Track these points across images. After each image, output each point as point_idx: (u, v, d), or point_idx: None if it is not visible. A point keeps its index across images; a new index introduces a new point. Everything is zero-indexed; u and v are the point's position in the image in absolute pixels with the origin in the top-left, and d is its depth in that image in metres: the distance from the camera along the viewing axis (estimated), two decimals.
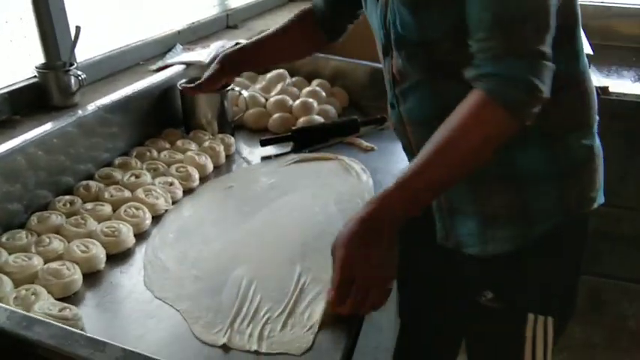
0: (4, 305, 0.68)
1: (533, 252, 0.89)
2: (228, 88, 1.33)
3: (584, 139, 0.88)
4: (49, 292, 0.80)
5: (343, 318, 0.76)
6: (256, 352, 0.72)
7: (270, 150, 1.31)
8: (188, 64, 1.43)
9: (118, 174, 1.11)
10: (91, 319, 0.78)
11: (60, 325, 0.64)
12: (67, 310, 0.75)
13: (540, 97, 0.72)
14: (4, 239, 0.89)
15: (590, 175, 0.90)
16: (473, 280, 0.98)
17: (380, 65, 1.01)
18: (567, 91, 0.83)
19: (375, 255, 0.74)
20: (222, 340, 0.73)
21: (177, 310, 0.79)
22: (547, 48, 0.73)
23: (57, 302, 0.77)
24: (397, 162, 1.23)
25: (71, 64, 1.16)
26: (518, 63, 0.72)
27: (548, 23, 0.73)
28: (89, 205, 0.99)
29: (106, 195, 1.03)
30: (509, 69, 0.72)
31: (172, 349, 0.73)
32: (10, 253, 0.86)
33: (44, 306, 0.74)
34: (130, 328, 0.76)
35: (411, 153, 0.97)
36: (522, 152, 0.84)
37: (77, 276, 0.83)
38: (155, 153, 1.20)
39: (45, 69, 1.15)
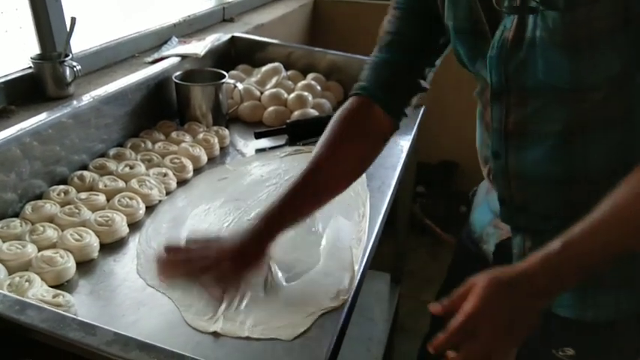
0: None
1: (637, 321, 0.79)
2: (223, 80, 1.34)
3: None
4: (42, 280, 0.80)
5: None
6: (247, 338, 0.73)
7: (264, 142, 1.32)
8: (183, 57, 1.44)
9: (112, 164, 1.11)
10: (84, 306, 0.78)
11: (52, 309, 0.65)
12: (60, 296, 0.76)
13: None
14: None
15: None
16: (555, 334, 0.83)
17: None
18: None
19: (513, 322, 0.62)
20: (214, 327, 0.74)
21: (170, 298, 0.80)
22: None
23: (50, 289, 0.78)
24: (388, 155, 1.24)
25: (66, 55, 1.17)
26: None
27: None
28: (83, 195, 1.00)
29: (100, 185, 1.04)
30: None
31: (164, 335, 0.74)
32: (4, 242, 0.87)
33: (37, 293, 0.75)
34: (122, 315, 0.77)
35: (507, 208, 0.83)
36: None
37: (70, 264, 0.84)
38: (150, 144, 1.21)
39: (40, 60, 1.15)
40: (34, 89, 1.15)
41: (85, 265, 0.88)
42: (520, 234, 0.84)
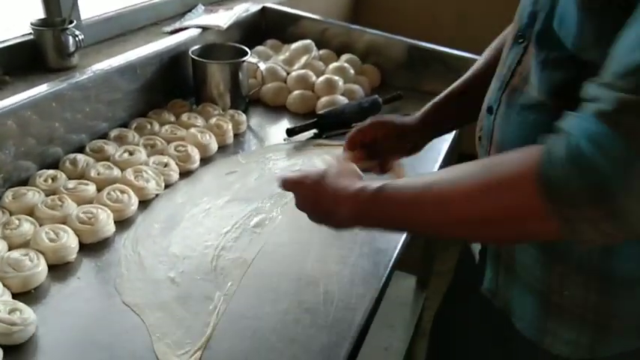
0: None
1: None
2: (245, 58, 1.20)
3: None
4: (5, 286, 0.71)
5: None
6: None
7: (283, 132, 1.18)
8: (205, 29, 1.30)
9: (111, 148, 1.01)
10: (46, 322, 0.68)
11: None
12: (18, 312, 0.66)
13: (619, 220, 0.43)
14: None
15: None
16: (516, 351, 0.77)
17: (419, 43, 0.83)
18: None
19: (313, 210, 0.68)
20: None
21: (143, 322, 0.69)
22: None
23: (9, 301, 0.68)
24: (428, 148, 1.09)
25: (70, 22, 1.05)
26: (624, 148, 0.42)
27: None
28: (71, 184, 0.89)
29: (93, 173, 0.93)
30: (606, 143, 0.43)
31: None
32: None
33: None
34: (85, 339, 0.67)
35: None
36: (622, 247, 0.61)
37: (40, 269, 0.74)
38: (157, 126, 1.10)
39: (41, 26, 1.04)
40: (33, 59, 1.04)
41: (60, 269, 0.77)
42: None
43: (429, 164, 1.07)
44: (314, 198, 0.67)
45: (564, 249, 0.64)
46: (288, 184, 0.71)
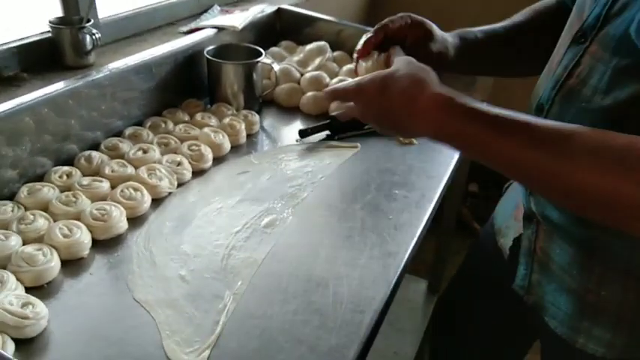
0: None
1: None
2: (259, 59, 1.21)
3: None
4: (19, 280, 0.72)
5: None
6: None
7: (296, 133, 1.18)
8: (220, 29, 1.31)
9: (125, 146, 1.01)
10: (58, 317, 0.69)
11: None
12: (30, 307, 0.67)
13: None
14: None
15: None
16: (548, 353, 0.80)
17: None
18: None
19: (388, 111, 0.62)
20: None
21: (154, 319, 0.70)
22: None
23: (22, 295, 0.69)
24: (435, 160, 1.08)
25: (88, 21, 1.07)
26: None
27: None
28: (85, 181, 0.90)
29: (107, 170, 0.94)
30: None
31: None
32: None
33: (5, 299, 0.66)
34: (96, 334, 0.67)
35: (525, 192, 0.76)
36: None
37: (53, 264, 0.75)
38: (171, 125, 1.10)
39: (59, 24, 1.05)
40: (50, 56, 1.06)
41: (73, 265, 0.78)
42: (532, 226, 0.76)
43: (442, 167, 1.07)
44: (382, 109, 0.62)
45: (603, 249, 0.64)
46: (348, 93, 0.65)
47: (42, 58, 1.05)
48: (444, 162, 1.09)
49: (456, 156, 1.10)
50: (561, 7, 0.80)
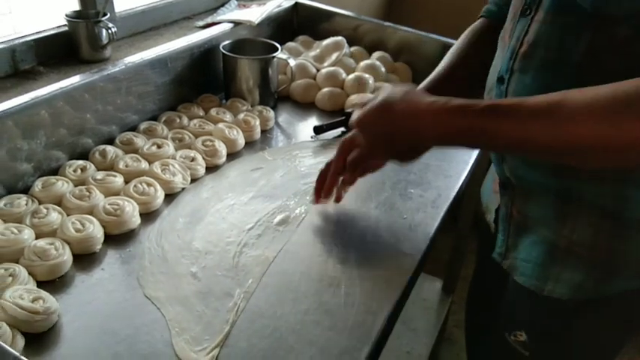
0: None
1: (595, 310, 0.73)
2: (275, 54, 1.20)
3: None
4: (31, 274, 0.72)
5: None
6: None
7: (311, 129, 1.17)
8: (236, 23, 1.30)
9: (140, 141, 1.01)
10: (69, 312, 0.69)
11: None
12: (40, 301, 0.67)
13: None
14: (2, 204, 0.82)
15: None
16: (512, 313, 0.83)
17: (452, 41, 0.87)
18: None
19: (393, 134, 0.69)
20: None
21: (163, 316, 0.69)
22: None
23: (33, 289, 0.69)
24: (452, 159, 1.06)
25: (104, 15, 1.07)
26: None
27: None
28: (99, 175, 0.90)
29: (121, 164, 0.94)
30: None
31: None
32: (5, 221, 0.80)
33: (16, 293, 0.66)
34: (106, 330, 0.67)
35: (499, 162, 0.78)
36: (636, 191, 0.65)
37: (65, 258, 0.75)
38: (185, 120, 1.10)
39: (75, 18, 1.05)
40: (66, 50, 1.06)
41: (85, 259, 0.78)
42: (508, 192, 0.78)
43: (459, 166, 1.05)
44: (387, 134, 0.69)
45: (580, 196, 0.67)
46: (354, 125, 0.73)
47: (58, 51, 1.06)
48: (462, 160, 1.07)
49: (474, 155, 1.08)
50: (491, 23, 0.88)
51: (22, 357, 0.49)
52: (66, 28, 1.06)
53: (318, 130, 1.14)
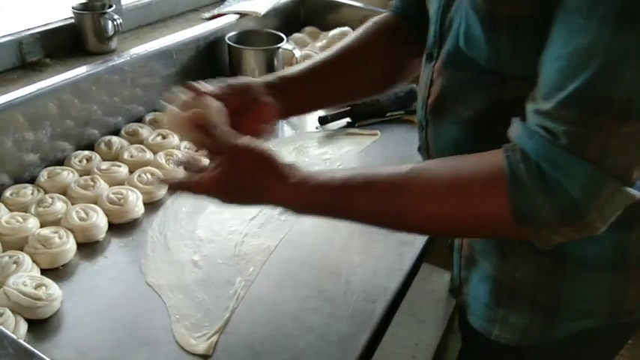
0: None
1: (540, 357, 0.70)
2: (280, 45, 1.19)
3: None
4: (35, 262, 0.73)
5: None
6: None
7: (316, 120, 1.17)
8: (242, 15, 1.30)
9: (145, 131, 1.02)
10: (71, 299, 0.70)
11: None
12: (43, 288, 0.68)
13: (586, 231, 0.49)
14: (8, 193, 0.84)
15: None
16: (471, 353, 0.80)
17: None
18: None
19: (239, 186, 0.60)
20: (202, 347, 0.63)
21: (164, 303, 0.70)
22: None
23: (36, 276, 0.70)
24: None
25: (110, 7, 1.07)
26: (588, 171, 0.45)
27: None
28: (104, 166, 0.91)
29: (126, 155, 0.95)
30: (570, 169, 0.46)
31: (143, 352, 0.64)
32: (10, 210, 0.81)
33: (19, 280, 0.67)
34: (107, 317, 0.68)
35: None
36: None
37: (69, 246, 0.76)
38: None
39: (81, 10, 1.06)
40: (73, 42, 1.07)
41: (88, 248, 0.79)
42: None
43: None
44: (236, 181, 0.60)
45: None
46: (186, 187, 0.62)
47: (64, 43, 1.06)
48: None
49: None
50: (395, 20, 0.79)
51: (24, 342, 0.50)
52: (72, 20, 1.07)
53: (323, 120, 1.14)
